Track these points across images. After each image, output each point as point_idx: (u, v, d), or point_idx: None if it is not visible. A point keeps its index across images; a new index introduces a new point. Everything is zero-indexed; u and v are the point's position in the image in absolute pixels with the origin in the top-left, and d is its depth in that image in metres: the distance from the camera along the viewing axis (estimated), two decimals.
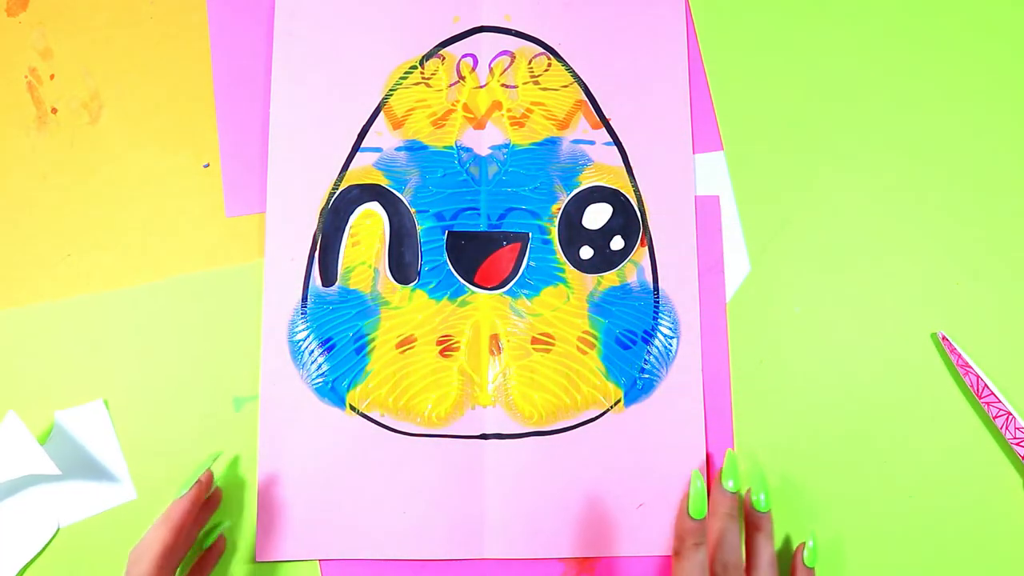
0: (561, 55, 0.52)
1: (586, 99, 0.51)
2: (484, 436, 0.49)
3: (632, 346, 0.49)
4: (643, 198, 0.50)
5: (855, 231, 0.51)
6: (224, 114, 0.52)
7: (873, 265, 0.51)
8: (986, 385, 0.48)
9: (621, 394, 0.49)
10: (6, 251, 0.52)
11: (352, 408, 0.49)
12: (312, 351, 0.49)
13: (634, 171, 0.51)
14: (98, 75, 0.53)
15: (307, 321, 0.49)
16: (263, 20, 0.53)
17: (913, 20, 0.54)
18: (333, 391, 0.49)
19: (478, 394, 0.49)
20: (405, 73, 0.51)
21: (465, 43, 0.52)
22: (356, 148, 0.51)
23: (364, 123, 0.51)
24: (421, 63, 0.51)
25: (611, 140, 0.51)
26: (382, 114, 0.51)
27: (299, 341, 0.49)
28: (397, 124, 0.51)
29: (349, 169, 0.50)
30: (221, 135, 0.52)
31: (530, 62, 0.52)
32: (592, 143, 0.51)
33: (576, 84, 0.51)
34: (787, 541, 0.48)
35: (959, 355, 0.49)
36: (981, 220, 0.51)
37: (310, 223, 0.50)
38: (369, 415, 0.49)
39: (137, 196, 0.52)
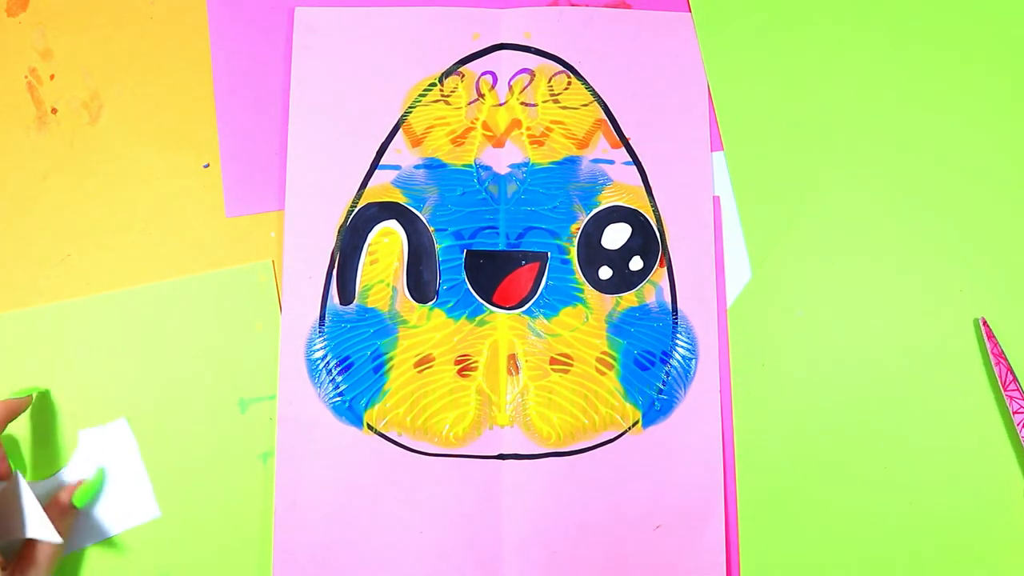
0: (581, 73, 0.51)
1: (605, 118, 0.51)
2: (502, 456, 0.49)
3: (650, 367, 0.49)
4: (663, 218, 0.50)
5: (858, 235, 0.51)
6: (224, 114, 0.52)
7: (876, 268, 0.51)
8: (1015, 379, 0.48)
9: (639, 415, 0.49)
10: (5, 251, 0.51)
11: (369, 427, 0.49)
12: (330, 370, 0.49)
13: (653, 191, 0.51)
14: (98, 75, 0.53)
15: (325, 339, 0.49)
16: (264, 20, 0.52)
17: (916, 19, 0.54)
18: (350, 410, 0.49)
19: (496, 414, 0.49)
20: (424, 90, 0.51)
21: (484, 61, 0.52)
22: (375, 166, 0.50)
23: (383, 140, 0.51)
24: (440, 80, 0.51)
25: (630, 159, 0.51)
26: (401, 132, 0.51)
27: (316, 360, 0.49)
28: (416, 142, 0.51)
29: (367, 187, 0.50)
30: (221, 135, 0.52)
31: (550, 80, 0.51)
32: (611, 162, 0.51)
33: (596, 103, 0.51)
34: (793, 541, 0.48)
35: (995, 343, 0.49)
36: (985, 223, 0.51)
37: (328, 241, 0.50)
38: (386, 434, 0.49)
39: (137, 196, 0.52)
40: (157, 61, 0.53)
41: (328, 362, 0.49)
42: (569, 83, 0.51)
